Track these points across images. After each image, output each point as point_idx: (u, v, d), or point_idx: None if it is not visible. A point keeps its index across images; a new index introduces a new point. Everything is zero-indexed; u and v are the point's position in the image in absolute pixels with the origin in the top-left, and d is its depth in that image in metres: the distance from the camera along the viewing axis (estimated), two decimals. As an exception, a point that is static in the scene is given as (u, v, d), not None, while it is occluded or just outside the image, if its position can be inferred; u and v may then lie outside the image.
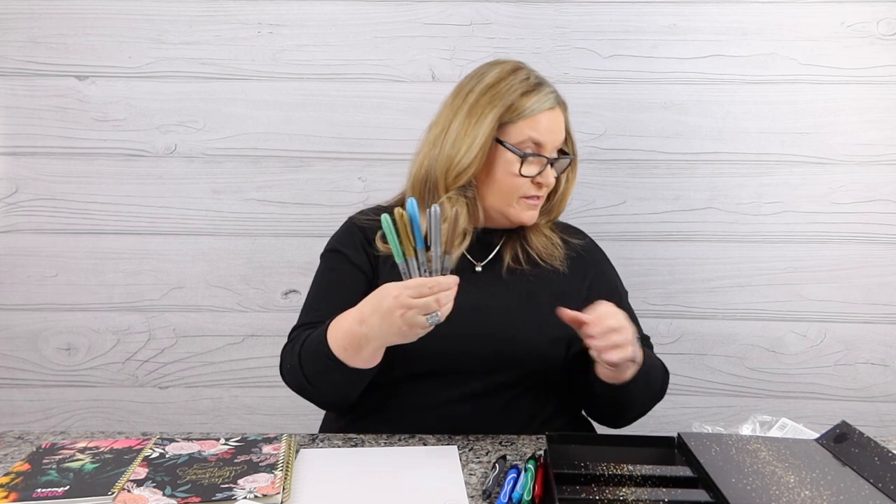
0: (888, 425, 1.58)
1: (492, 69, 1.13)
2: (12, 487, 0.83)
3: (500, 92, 1.09)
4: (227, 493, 0.82)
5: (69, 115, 1.51)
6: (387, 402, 1.10)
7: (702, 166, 1.53)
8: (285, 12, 1.50)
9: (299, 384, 1.06)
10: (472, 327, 1.05)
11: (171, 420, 1.60)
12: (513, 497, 0.82)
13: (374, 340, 0.94)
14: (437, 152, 1.11)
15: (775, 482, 0.81)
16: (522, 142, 1.09)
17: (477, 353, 1.06)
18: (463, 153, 1.08)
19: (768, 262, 1.55)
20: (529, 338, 1.08)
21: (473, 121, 1.08)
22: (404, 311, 0.88)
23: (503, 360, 1.08)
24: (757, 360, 1.58)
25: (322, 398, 1.09)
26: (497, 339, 1.07)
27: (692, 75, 1.51)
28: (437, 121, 1.14)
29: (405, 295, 0.88)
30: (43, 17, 1.49)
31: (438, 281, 0.89)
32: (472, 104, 1.09)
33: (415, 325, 0.89)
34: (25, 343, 1.57)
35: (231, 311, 1.58)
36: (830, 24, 1.48)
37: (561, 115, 1.13)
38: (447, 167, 1.09)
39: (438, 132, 1.12)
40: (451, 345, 1.03)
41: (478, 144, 1.07)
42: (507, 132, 1.09)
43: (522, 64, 1.15)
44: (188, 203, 1.54)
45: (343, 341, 0.97)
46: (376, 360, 0.99)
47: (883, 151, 1.51)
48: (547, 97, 1.10)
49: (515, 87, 1.09)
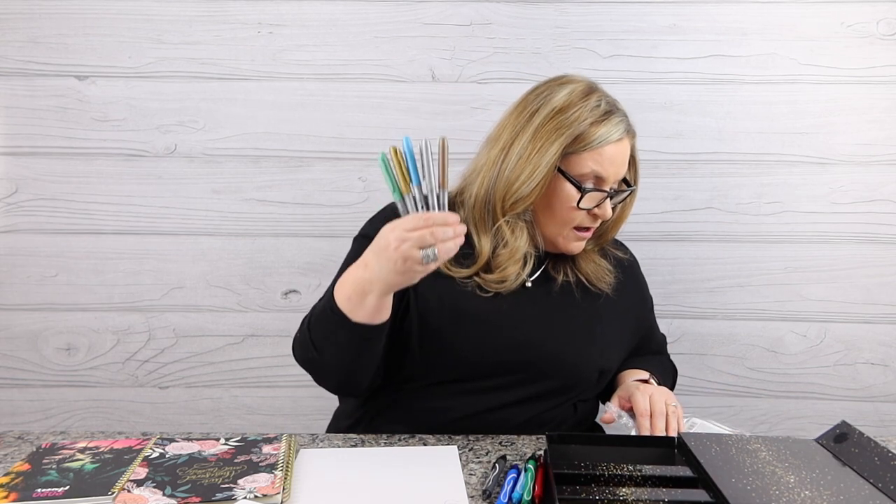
0: (888, 425, 1.58)
1: (561, 89, 1.07)
2: (12, 487, 0.83)
3: (568, 120, 1.03)
4: (227, 493, 0.82)
5: (69, 115, 1.51)
6: (406, 403, 1.09)
7: (702, 166, 1.53)
8: (285, 12, 1.50)
9: (306, 354, 1.02)
10: (513, 335, 1.06)
11: (171, 420, 1.60)
12: (513, 497, 0.82)
13: (376, 283, 0.90)
14: (495, 173, 1.06)
15: (775, 482, 0.81)
16: (584, 174, 1.04)
17: (511, 361, 1.06)
18: (523, 181, 1.03)
19: (768, 262, 1.55)
20: (566, 353, 1.09)
21: (537, 147, 1.03)
22: (398, 244, 0.86)
23: (533, 370, 1.07)
24: (757, 360, 1.58)
25: (327, 369, 1.03)
26: (533, 350, 1.07)
27: (692, 75, 1.51)
28: (497, 136, 1.09)
29: (400, 228, 0.87)
30: (43, 17, 1.49)
31: (432, 214, 0.87)
32: (536, 127, 1.04)
33: (409, 258, 0.86)
34: (25, 343, 1.58)
35: (231, 311, 1.58)
36: (830, 24, 1.48)
37: (627, 146, 1.08)
38: (506, 192, 1.05)
39: (498, 152, 1.07)
40: (485, 351, 1.05)
41: (539, 174, 1.03)
42: (569, 162, 1.04)
43: (595, 86, 1.09)
44: (188, 203, 1.54)
45: (348, 290, 0.94)
46: (381, 314, 0.95)
47: (883, 151, 1.51)
48: (616, 128, 1.05)
49: (585, 116, 1.03)
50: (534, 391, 1.08)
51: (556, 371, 1.08)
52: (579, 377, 1.10)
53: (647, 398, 1.02)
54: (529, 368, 1.07)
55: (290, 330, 1.56)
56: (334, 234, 1.54)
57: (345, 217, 1.54)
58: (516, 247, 1.07)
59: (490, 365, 1.07)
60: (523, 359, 1.07)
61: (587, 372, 1.11)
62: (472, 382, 1.07)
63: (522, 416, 1.08)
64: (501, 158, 1.06)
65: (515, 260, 1.07)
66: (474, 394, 1.07)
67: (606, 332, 1.13)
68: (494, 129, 1.12)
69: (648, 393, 1.03)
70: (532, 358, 1.07)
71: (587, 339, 1.11)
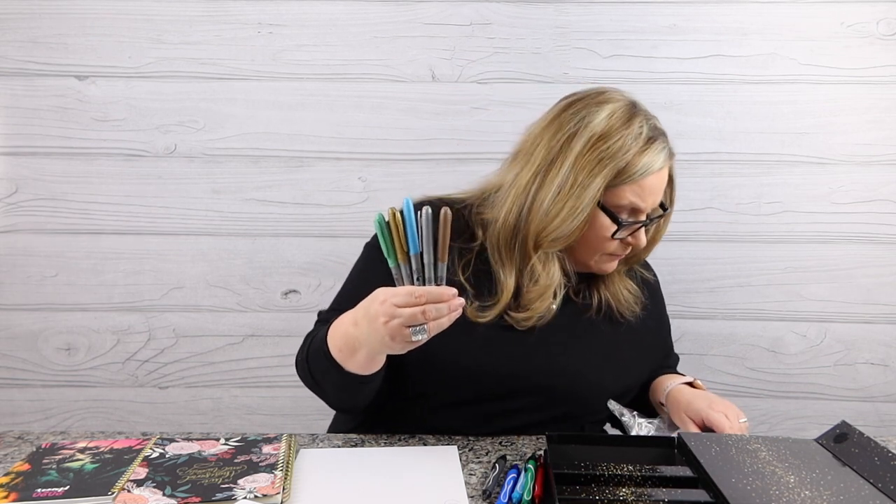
0: (888, 425, 1.58)
1: (600, 111, 0.99)
2: (12, 487, 0.83)
3: (609, 151, 0.96)
4: (227, 493, 0.82)
5: (69, 115, 1.51)
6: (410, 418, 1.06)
7: (702, 166, 1.53)
8: (285, 12, 1.50)
9: (306, 381, 1.02)
10: (529, 361, 1.02)
11: (171, 420, 1.60)
12: (513, 497, 0.82)
13: (364, 346, 0.88)
14: (529, 201, 0.99)
15: (775, 482, 0.81)
16: (622, 206, 0.99)
17: (522, 387, 1.03)
18: (564, 218, 0.97)
19: (768, 262, 1.55)
20: (579, 383, 1.05)
21: (578, 180, 0.96)
22: (388, 320, 0.82)
23: (543, 397, 1.04)
24: (757, 360, 1.58)
25: (328, 398, 1.03)
26: (546, 376, 1.03)
27: (692, 75, 1.51)
28: (528, 154, 1.02)
29: (390, 302, 0.82)
30: (43, 17, 1.49)
31: (429, 290, 0.81)
32: (576, 156, 0.97)
33: (399, 336, 0.82)
34: (25, 343, 1.57)
35: (231, 311, 1.58)
36: (830, 24, 1.48)
37: (667, 172, 1.02)
38: (542, 227, 0.98)
39: (532, 177, 0.99)
40: (497, 375, 1.02)
41: (583, 212, 0.96)
42: (608, 194, 0.99)
43: (636, 106, 1.02)
44: (188, 203, 1.54)
45: (339, 342, 0.92)
46: (373, 368, 0.93)
47: (883, 151, 1.51)
48: (658, 156, 0.98)
49: (628, 146, 0.96)
50: (539, 418, 1.05)
51: (567, 398, 1.05)
52: (590, 406, 1.08)
53: (723, 417, 0.97)
54: (540, 394, 1.04)
55: (290, 330, 1.57)
56: (334, 234, 1.54)
57: (345, 217, 1.54)
58: (548, 284, 1.01)
59: (499, 389, 1.03)
60: (535, 384, 1.03)
61: (599, 401, 1.07)
62: (479, 405, 1.04)
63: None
64: (536, 185, 0.98)
65: (546, 297, 1.01)
66: (480, 416, 1.04)
67: (625, 357, 1.10)
68: (525, 142, 1.04)
69: (721, 411, 0.98)
70: (544, 384, 1.03)
71: (603, 367, 1.07)
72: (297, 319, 1.56)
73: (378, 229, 0.84)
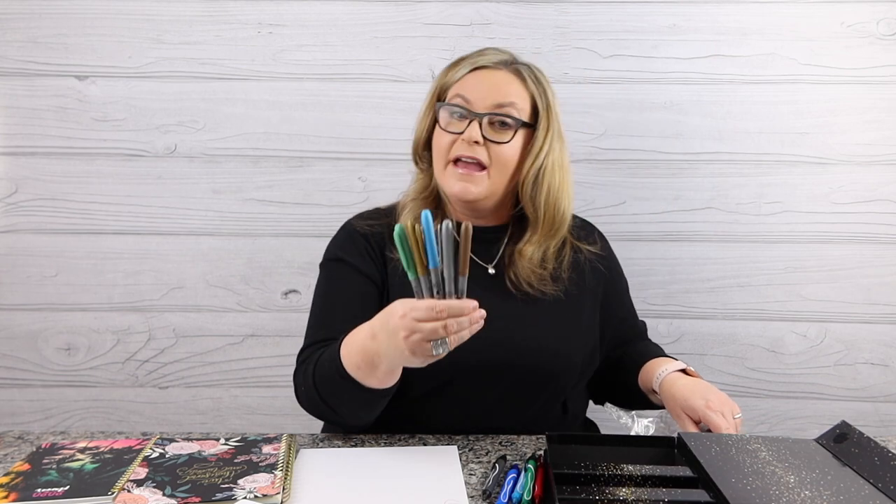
0: (888, 425, 1.58)
1: None
2: (12, 487, 0.83)
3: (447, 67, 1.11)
4: (227, 493, 0.82)
5: (69, 115, 1.51)
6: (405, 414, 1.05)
7: (702, 166, 1.53)
8: (285, 12, 1.50)
9: (317, 409, 1.01)
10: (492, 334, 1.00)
11: (171, 420, 1.60)
12: (513, 497, 0.82)
13: (384, 360, 0.87)
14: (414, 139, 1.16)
15: (775, 482, 0.81)
16: (451, 98, 1.06)
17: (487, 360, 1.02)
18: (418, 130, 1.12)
19: (768, 262, 1.55)
20: (545, 348, 1.05)
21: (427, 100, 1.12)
22: (408, 334, 0.81)
23: (517, 368, 1.04)
24: (757, 360, 1.58)
25: (342, 418, 1.01)
26: (513, 348, 1.03)
27: (692, 75, 1.51)
28: None
29: (410, 317, 0.81)
30: (43, 17, 1.49)
31: (450, 305, 0.80)
32: None
33: (419, 350, 0.82)
34: (25, 343, 1.57)
35: (231, 311, 1.58)
36: (830, 24, 1.48)
37: (508, 77, 1.06)
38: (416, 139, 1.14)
39: None
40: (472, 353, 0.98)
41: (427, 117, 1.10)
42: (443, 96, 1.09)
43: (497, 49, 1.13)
44: (188, 203, 1.54)
45: (356, 358, 0.90)
46: (393, 381, 0.93)
47: (883, 151, 1.51)
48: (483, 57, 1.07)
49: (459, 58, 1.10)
50: (515, 400, 1.05)
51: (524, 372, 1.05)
52: (549, 374, 1.06)
53: (721, 417, 0.96)
54: (503, 366, 1.04)
55: (290, 330, 1.57)
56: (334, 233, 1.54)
57: (345, 217, 1.52)
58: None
59: (467, 367, 1.01)
60: (497, 357, 1.03)
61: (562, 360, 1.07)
62: (454, 396, 1.04)
63: (513, 419, 1.06)
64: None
65: None
66: (465, 399, 1.05)
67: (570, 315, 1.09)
68: None
69: (717, 409, 0.97)
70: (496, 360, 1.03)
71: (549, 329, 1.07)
72: (297, 319, 1.56)
73: (398, 242, 0.82)
